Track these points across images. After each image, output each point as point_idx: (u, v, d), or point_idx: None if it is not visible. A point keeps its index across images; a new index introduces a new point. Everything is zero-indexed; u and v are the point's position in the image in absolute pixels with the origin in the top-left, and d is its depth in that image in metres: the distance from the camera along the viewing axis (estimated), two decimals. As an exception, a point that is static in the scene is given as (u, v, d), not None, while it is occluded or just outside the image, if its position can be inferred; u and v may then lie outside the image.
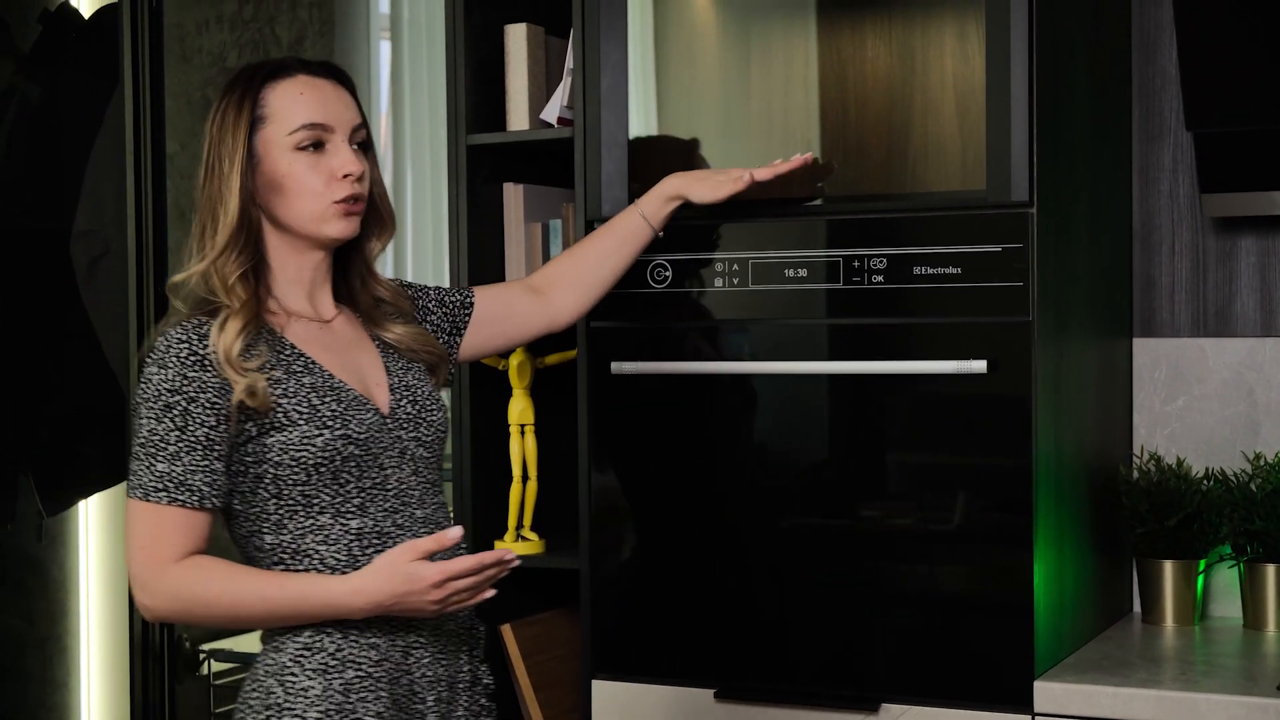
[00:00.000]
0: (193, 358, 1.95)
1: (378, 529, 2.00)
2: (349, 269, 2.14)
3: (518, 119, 2.79)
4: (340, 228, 2.05)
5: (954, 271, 2.39)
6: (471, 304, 2.30)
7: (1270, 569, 2.65)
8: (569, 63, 2.69)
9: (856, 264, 2.45)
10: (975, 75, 2.38)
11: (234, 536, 2.05)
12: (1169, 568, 2.69)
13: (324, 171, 2.03)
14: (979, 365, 2.35)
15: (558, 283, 2.39)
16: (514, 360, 2.76)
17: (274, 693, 1.98)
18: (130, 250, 3.30)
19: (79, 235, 3.52)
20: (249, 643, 3.55)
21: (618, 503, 2.62)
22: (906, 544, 2.42)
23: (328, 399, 1.99)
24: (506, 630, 2.71)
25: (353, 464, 1.99)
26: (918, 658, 2.41)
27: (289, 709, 1.97)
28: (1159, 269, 2.87)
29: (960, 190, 2.40)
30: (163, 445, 1.94)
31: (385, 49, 3.93)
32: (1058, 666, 2.41)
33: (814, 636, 2.46)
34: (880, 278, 2.43)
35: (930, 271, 2.40)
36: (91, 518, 3.85)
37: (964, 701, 2.37)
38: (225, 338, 1.96)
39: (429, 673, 2.03)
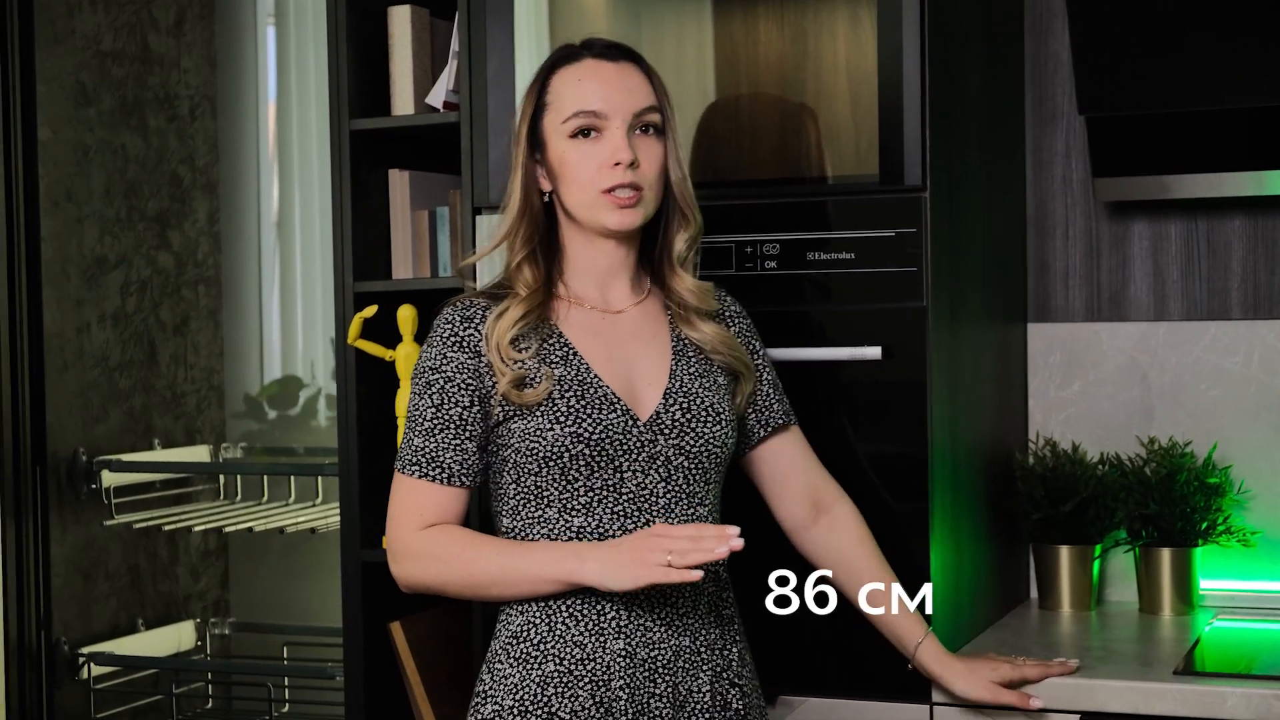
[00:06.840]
0: (453, 338, 2.01)
1: (601, 529, 1.98)
2: (661, 261, 2.11)
3: (403, 104, 2.72)
4: (616, 219, 2.02)
5: (848, 257, 2.36)
6: (782, 425, 2.18)
7: (1165, 553, 2.65)
8: (454, 45, 2.62)
9: (750, 249, 2.41)
10: (868, 60, 2.35)
11: (489, 512, 2.08)
12: (1065, 553, 2.68)
13: (596, 159, 2.01)
14: (873, 351, 2.32)
15: (832, 529, 2.22)
16: (401, 351, 2.69)
17: (483, 680, 2.02)
18: (0, 239, 3.19)
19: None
20: (133, 645, 3.47)
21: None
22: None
23: (569, 394, 1.98)
24: (395, 628, 2.65)
25: (582, 462, 1.97)
26: (815, 648, 2.38)
27: (491, 696, 2.00)
28: (1053, 254, 2.86)
29: (854, 175, 2.36)
30: (420, 421, 2.00)
31: (272, 35, 3.86)
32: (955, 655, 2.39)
33: (709, 629, 2.42)
34: (774, 263, 2.39)
35: (824, 257, 2.37)
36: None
37: (862, 692, 2.34)
38: (501, 326, 1.99)
39: (639, 685, 1.98)
